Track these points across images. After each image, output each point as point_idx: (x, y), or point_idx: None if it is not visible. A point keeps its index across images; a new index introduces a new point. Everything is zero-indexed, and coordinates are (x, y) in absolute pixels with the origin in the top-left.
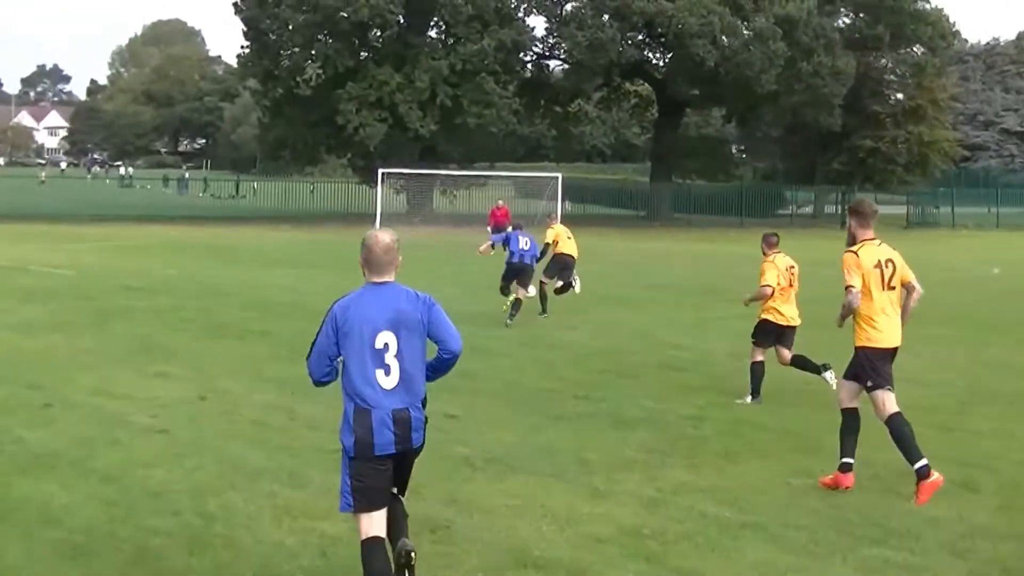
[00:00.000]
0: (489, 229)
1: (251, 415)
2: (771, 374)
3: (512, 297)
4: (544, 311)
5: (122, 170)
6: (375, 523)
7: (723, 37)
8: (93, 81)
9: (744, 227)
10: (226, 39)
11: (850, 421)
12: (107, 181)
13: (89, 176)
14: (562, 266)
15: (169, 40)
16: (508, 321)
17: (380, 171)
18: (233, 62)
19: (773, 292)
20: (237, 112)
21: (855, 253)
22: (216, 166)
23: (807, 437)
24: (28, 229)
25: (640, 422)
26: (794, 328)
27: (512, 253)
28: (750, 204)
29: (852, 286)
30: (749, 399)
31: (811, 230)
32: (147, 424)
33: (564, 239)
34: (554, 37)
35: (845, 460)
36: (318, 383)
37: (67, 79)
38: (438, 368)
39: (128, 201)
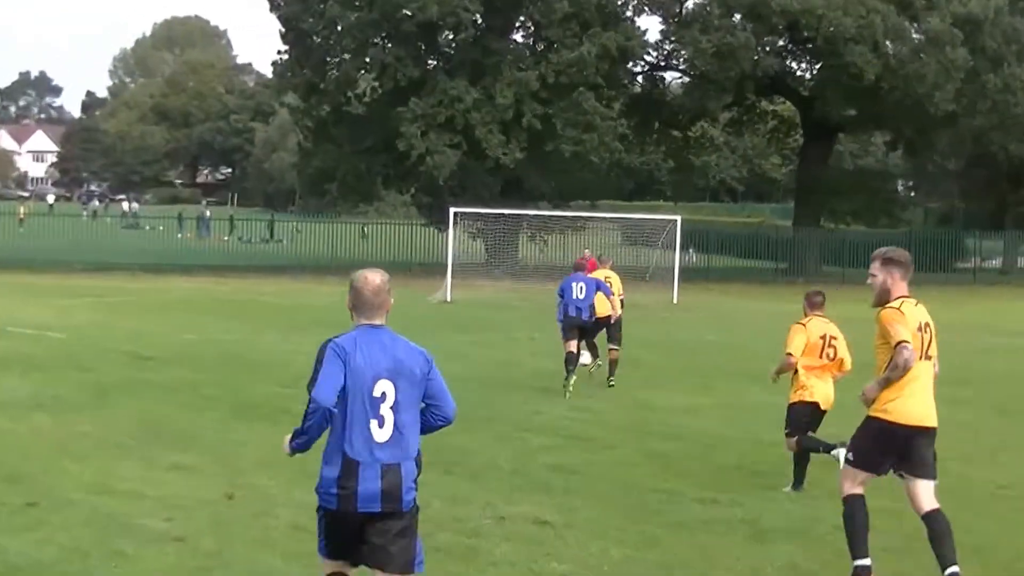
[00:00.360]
0: None
1: (290, 519)
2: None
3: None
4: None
5: (125, 205)
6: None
7: (887, 43)
8: (90, 94)
9: (914, 284)
10: (259, 43)
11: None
12: (107, 220)
13: (85, 214)
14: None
15: (186, 43)
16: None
17: (452, 210)
18: (267, 72)
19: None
20: (272, 135)
21: (898, 310)
22: (245, 202)
23: (1006, 550)
24: (5, 280)
25: (784, 533)
26: (823, 412)
27: (566, 305)
28: (921, 255)
29: (906, 341)
30: (789, 488)
31: (999, 288)
32: (159, 530)
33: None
34: (671, 43)
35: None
36: (323, 415)
37: (57, 91)
38: (424, 431)
39: (134, 246)
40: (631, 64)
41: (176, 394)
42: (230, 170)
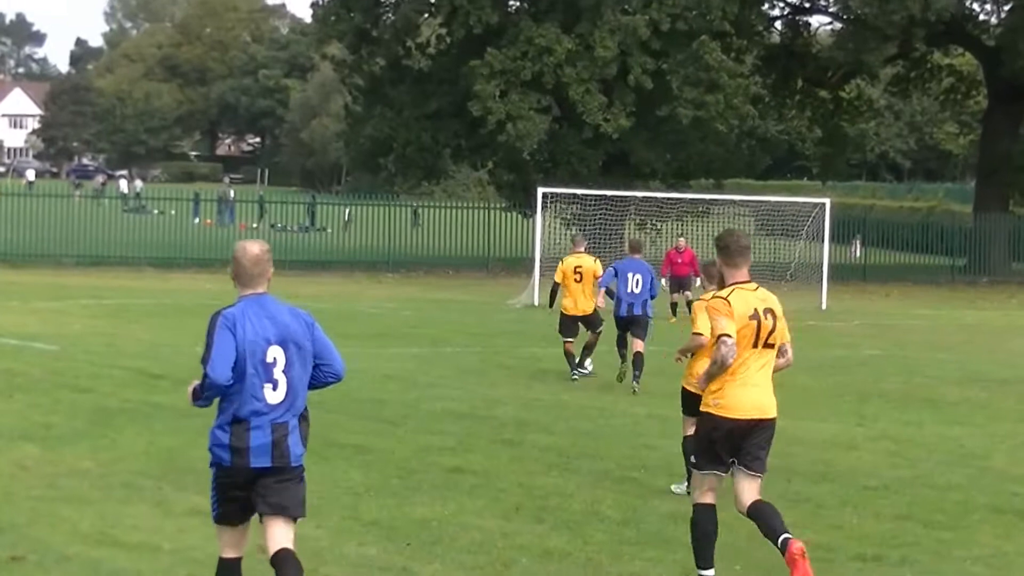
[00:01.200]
0: (664, 282)
1: None
2: None
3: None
4: (577, 368)
5: (124, 184)
6: (235, 541)
7: None
8: (80, 43)
9: None
10: None
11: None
12: (104, 202)
13: (76, 193)
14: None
15: None
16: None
17: (540, 191)
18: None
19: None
20: (311, 95)
21: (724, 299)
22: (278, 180)
23: None
24: None
25: None
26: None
27: (619, 300)
28: None
29: (727, 335)
30: (684, 486)
31: None
32: None
33: (572, 284)
34: None
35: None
36: (219, 389)
37: (39, 39)
38: (314, 387)
39: (139, 235)
40: (767, 6)
41: (194, 420)
42: (259, 140)
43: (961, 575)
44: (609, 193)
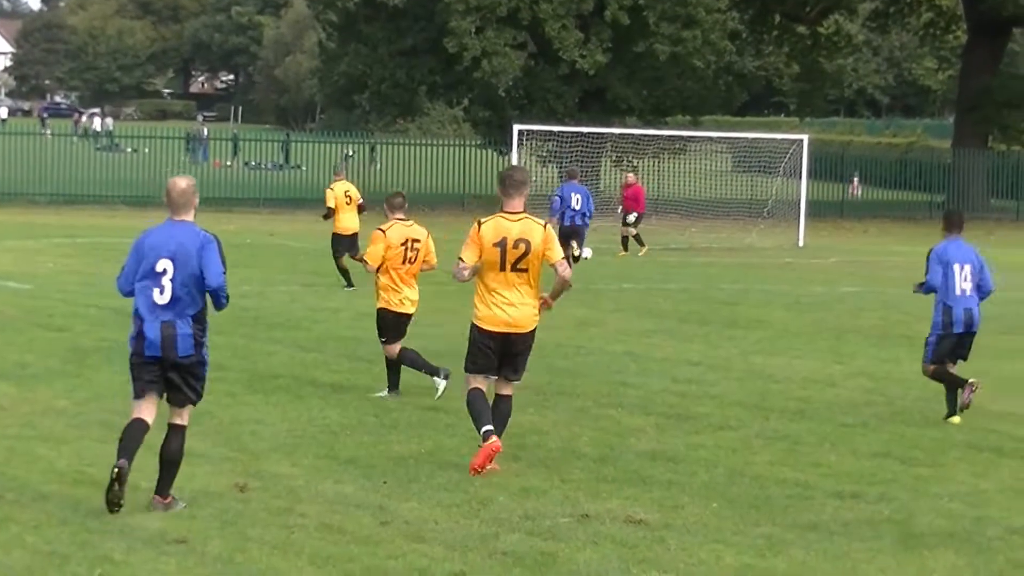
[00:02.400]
0: (620, 211)
1: (318, 516)
2: None
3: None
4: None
5: (97, 122)
6: (143, 409)
7: None
8: None
9: None
10: None
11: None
12: (75, 140)
13: (48, 131)
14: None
15: None
16: None
17: (516, 128)
18: None
19: (378, 269)
20: (285, 33)
21: (478, 227)
22: (251, 118)
23: None
24: None
25: (942, 538)
26: (408, 316)
27: (563, 215)
28: None
29: (460, 258)
30: (386, 392)
31: None
32: (155, 530)
33: (343, 205)
34: None
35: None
36: (125, 295)
37: None
38: (213, 302)
39: (112, 173)
40: None
41: None
42: (232, 78)
43: (939, 512)
44: (585, 130)
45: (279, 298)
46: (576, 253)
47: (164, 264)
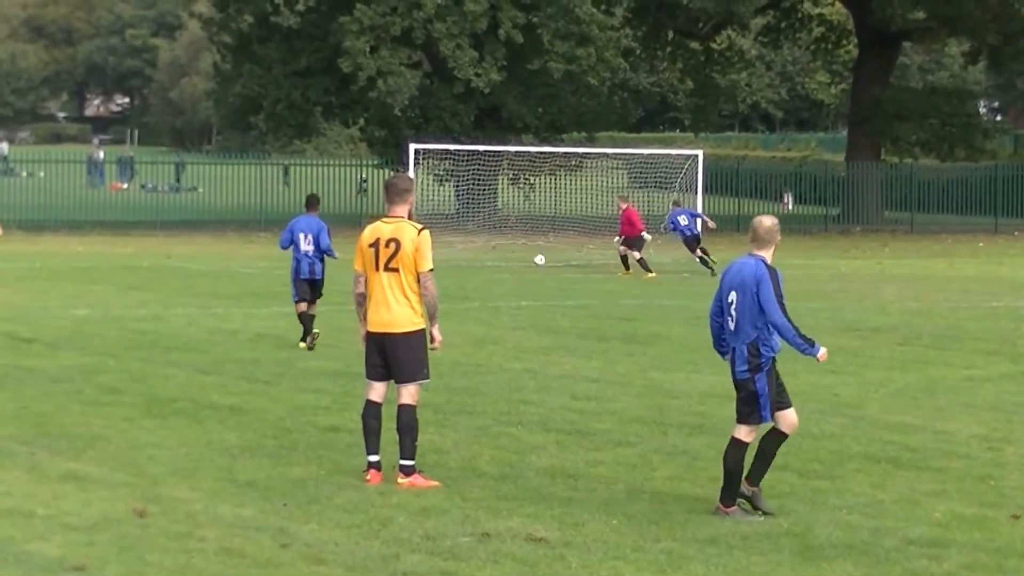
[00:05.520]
0: (618, 241)
1: (219, 540)
2: None
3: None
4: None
5: None
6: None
7: None
8: None
9: (1000, 232)
10: None
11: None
12: None
13: None
14: None
15: None
16: None
17: (412, 147)
18: None
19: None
20: (179, 55)
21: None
22: (148, 140)
23: None
24: None
25: (841, 549)
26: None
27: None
28: (1011, 197)
29: (355, 269)
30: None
31: None
32: (51, 558)
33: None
34: None
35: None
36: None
37: None
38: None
39: (8, 197)
40: None
41: (67, 385)
42: (127, 100)
43: (837, 524)
44: (482, 148)
45: (176, 321)
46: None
47: (733, 296)
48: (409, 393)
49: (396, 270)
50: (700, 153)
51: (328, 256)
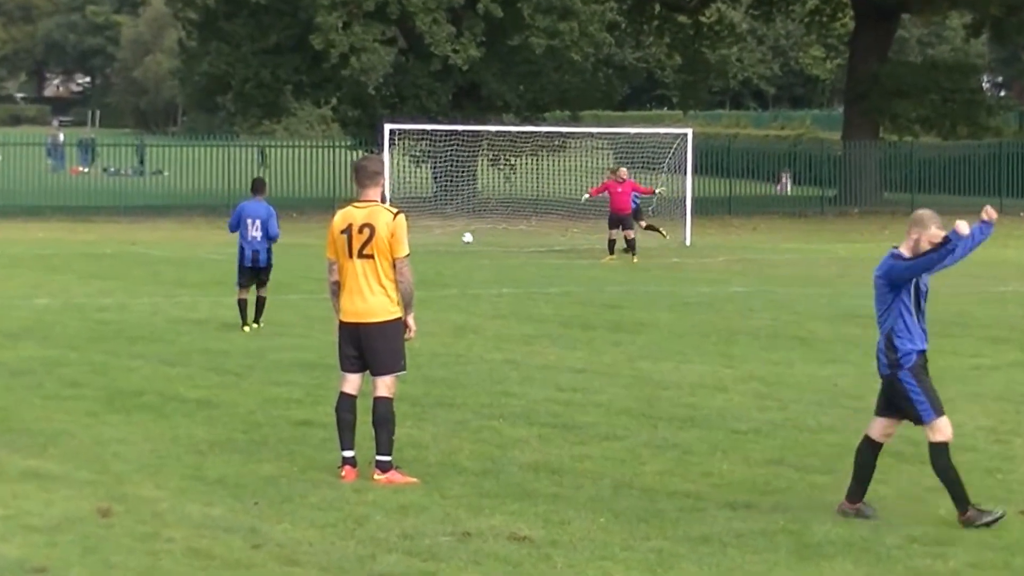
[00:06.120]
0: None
1: (187, 540)
2: None
3: None
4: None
5: None
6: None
7: None
8: None
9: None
10: None
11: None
12: None
13: None
14: None
15: None
16: None
17: (387, 127)
18: None
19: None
20: (143, 32)
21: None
22: (110, 122)
23: None
24: None
25: (839, 547)
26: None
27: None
28: (1016, 176)
29: (327, 256)
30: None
31: None
32: (11, 559)
33: None
34: None
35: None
36: None
37: None
38: None
39: None
40: None
41: (28, 378)
42: (88, 80)
43: (835, 521)
44: (460, 128)
45: (141, 310)
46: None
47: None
48: (385, 385)
49: (370, 257)
50: (689, 132)
51: (274, 239)
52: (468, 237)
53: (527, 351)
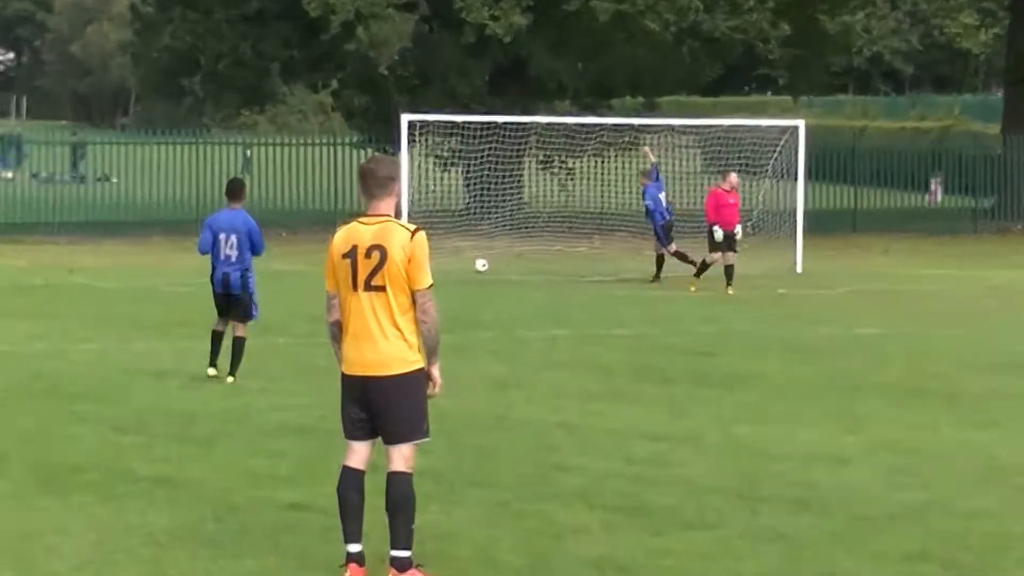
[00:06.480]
0: (715, 230)
1: None
2: None
3: None
4: None
5: None
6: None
7: None
8: None
9: None
10: None
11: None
12: None
13: None
14: None
15: None
16: None
17: (405, 119)
18: None
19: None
20: None
21: (333, 242)
22: (42, 112)
23: None
24: None
25: None
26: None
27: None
28: None
29: (327, 290)
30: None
31: None
32: None
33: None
34: None
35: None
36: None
37: None
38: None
39: None
40: None
41: None
42: (12, 57)
43: None
44: (501, 119)
45: (84, 358)
46: None
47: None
48: (403, 457)
49: (382, 289)
50: (801, 124)
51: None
52: (482, 264)
53: (587, 411)
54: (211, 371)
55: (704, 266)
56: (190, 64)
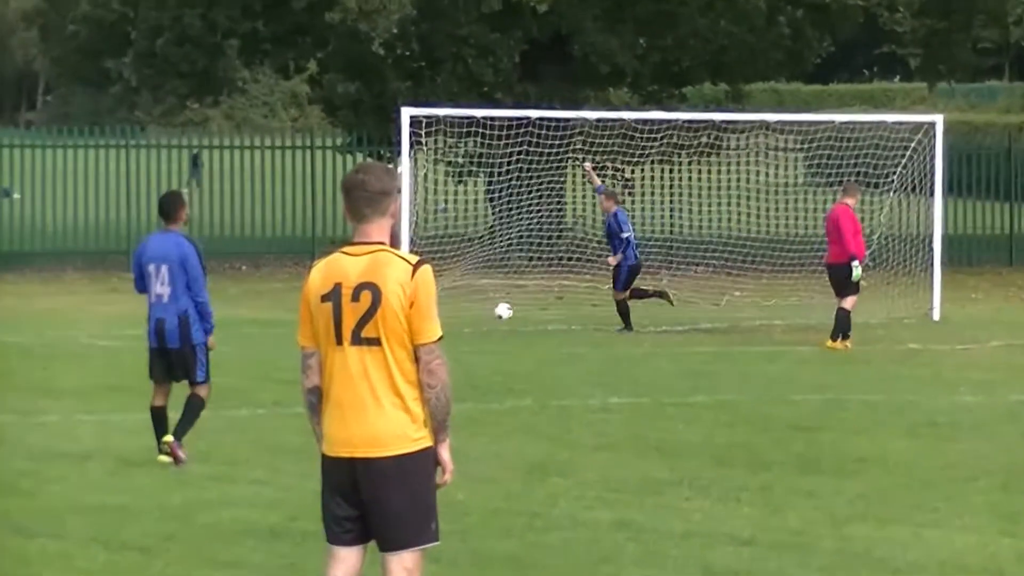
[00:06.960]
0: (855, 266)
1: None
2: None
3: None
4: None
5: None
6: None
7: None
8: None
9: None
10: None
11: None
12: None
13: None
14: None
15: None
16: None
17: (406, 113)
18: None
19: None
20: None
21: (308, 278)
22: None
23: None
24: None
25: None
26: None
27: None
28: None
29: (299, 343)
30: None
31: None
32: None
33: None
34: None
35: None
36: None
37: None
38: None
39: None
40: None
41: None
42: None
43: None
44: (535, 114)
45: None
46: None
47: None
48: (404, 568)
49: (375, 342)
50: (939, 120)
51: (199, 303)
52: (506, 309)
53: (653, 506)
54: (164, 458)
55: (664, 294)
56: (118, 39)
